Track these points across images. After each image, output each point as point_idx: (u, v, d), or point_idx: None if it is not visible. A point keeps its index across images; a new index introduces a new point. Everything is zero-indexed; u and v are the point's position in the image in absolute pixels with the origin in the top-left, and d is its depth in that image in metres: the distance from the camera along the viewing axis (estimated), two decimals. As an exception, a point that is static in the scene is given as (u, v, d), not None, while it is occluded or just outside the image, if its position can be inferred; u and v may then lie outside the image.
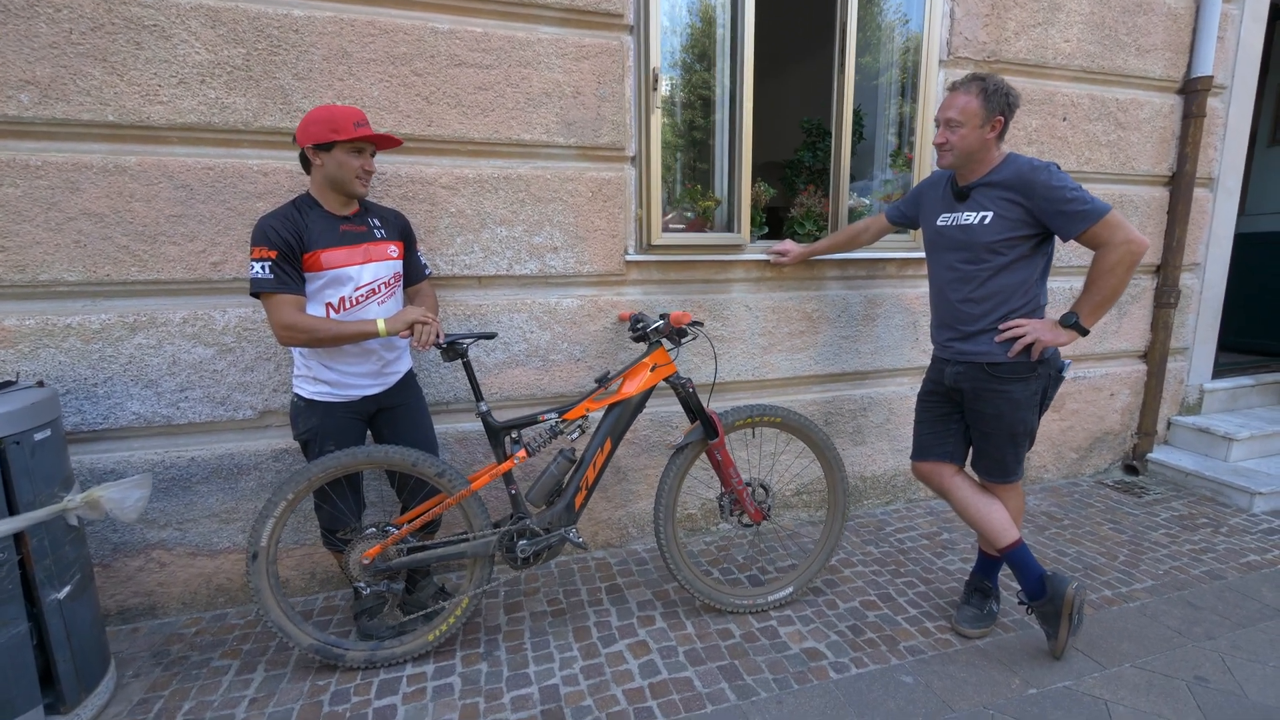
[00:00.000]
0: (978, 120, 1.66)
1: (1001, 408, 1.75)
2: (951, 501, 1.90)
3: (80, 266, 1.83)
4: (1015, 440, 1.78)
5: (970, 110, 1.65)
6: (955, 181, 1.80)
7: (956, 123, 1.67)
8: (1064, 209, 1.60)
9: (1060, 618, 1.74)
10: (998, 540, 1.81)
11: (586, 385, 2.35)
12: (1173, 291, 3.10)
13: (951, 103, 1.69)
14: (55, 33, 1.73)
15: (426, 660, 1.82)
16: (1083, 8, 2.75)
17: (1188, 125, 2.99)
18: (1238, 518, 2.73)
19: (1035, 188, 1.62)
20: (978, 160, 1.72)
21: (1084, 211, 1.59)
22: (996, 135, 1.68)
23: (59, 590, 1.50)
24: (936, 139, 1.74)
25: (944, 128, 1.71)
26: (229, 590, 2.10)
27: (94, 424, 1.90)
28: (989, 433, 1.80)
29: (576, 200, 2.23)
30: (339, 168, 1.64)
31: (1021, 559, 1.79)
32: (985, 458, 1.85)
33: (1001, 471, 1.83)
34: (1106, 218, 1.58)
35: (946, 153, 1.72)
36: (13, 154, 1.75)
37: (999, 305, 1.72)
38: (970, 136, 1.67)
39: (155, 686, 1.73)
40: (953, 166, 1.76)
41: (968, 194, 1.75)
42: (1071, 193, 1.60)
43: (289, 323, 1.59)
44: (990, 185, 1.70)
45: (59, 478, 1.54)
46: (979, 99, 1.65)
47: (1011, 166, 1.68)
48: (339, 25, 1.92)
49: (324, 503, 1.79)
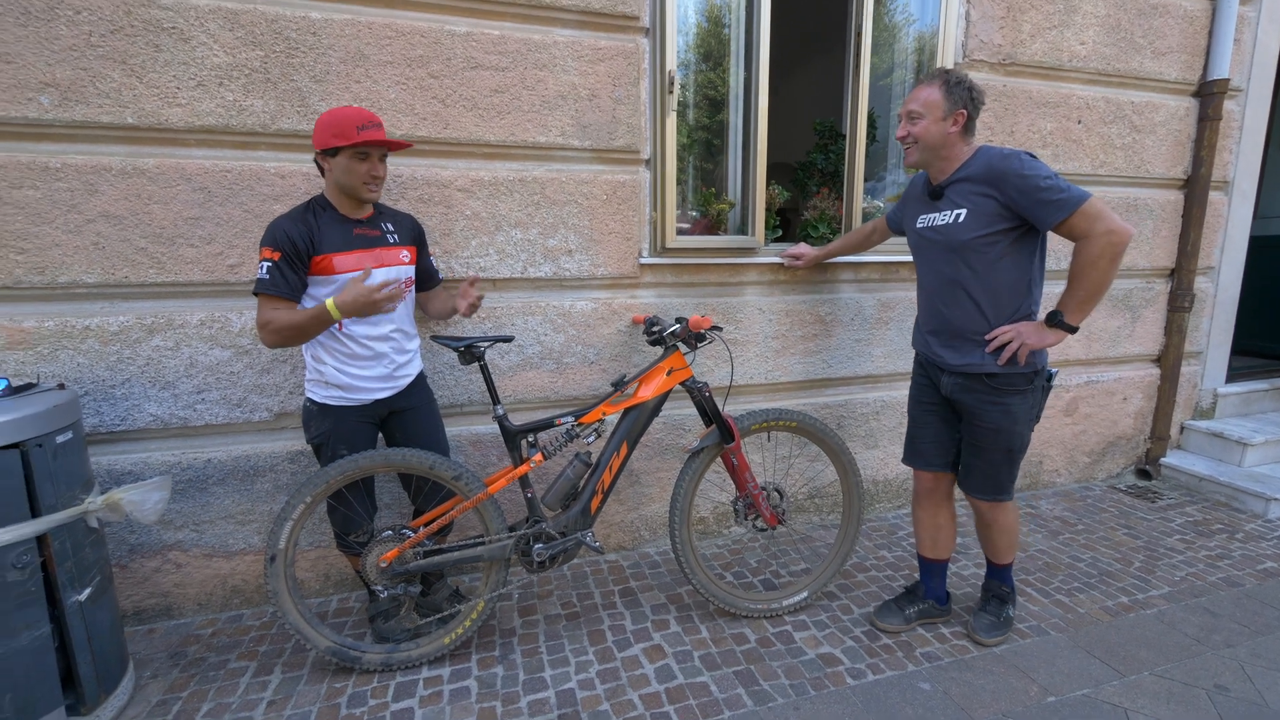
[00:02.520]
0: (939, 112, 1.62)
1: (1001, 422, 1.70)
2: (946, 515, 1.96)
3: (99, 268, 1.84)
4: (1011, 456, 1.75)
5: (931, 102, 1.62)
6: (929, 181, 1.76)
7: (918, 114, 1.64)
8: (1038, 198, 1.53)
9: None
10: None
11: (600, 388, 2.35)
12: (1187, 295, 3.08)
13: (914, 95, 1.67)
14: (75, 35, 1.73)
15: (443, 663, 1.82)
16: (1099, 10, 2.73)
17: (1203, 128, 2.97)
18: (1253, 524, 2.72)
19: (1006, 177, 1.56)
20: (944, 156, 1.67)
21: (1059, 200, 1.51)
22: (960, 129, 1.64)
23: (80, 592, 1.51)
24: (899, 133, 1.70)
25: (905, 120, 1.68)
26: (244, 591, 2.11)
27: (112, 425, 1.91)
28: (985, 447, 1.75)
29: (591, 203, 2.23)
30: (345, 174, 1.63)
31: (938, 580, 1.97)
32: (976, 474, 1.80)
33: (994, 488, 1.80)
34: (1084, 206, 1.50)
35: (911, 147, 1.69)
36: (33, 156, 1.76)
37: (989, 310, 1.67)
38: (932, 129, 1.63)
39: (173, 688, 1.73)
40: (919, 163, 1.73)
41: (941, 192, 1.71)
42: (1045, 180, 1.52)
43: (262, 321, 1.59)
44: (962, 181, 1.65)
45: (80, 480, 1.55)
46: (940, 90, 1.62)
47: (982, 159, 1.63)
48: (356, 28, 1.92)
49: (338, 505, 1.79)
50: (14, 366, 1.81)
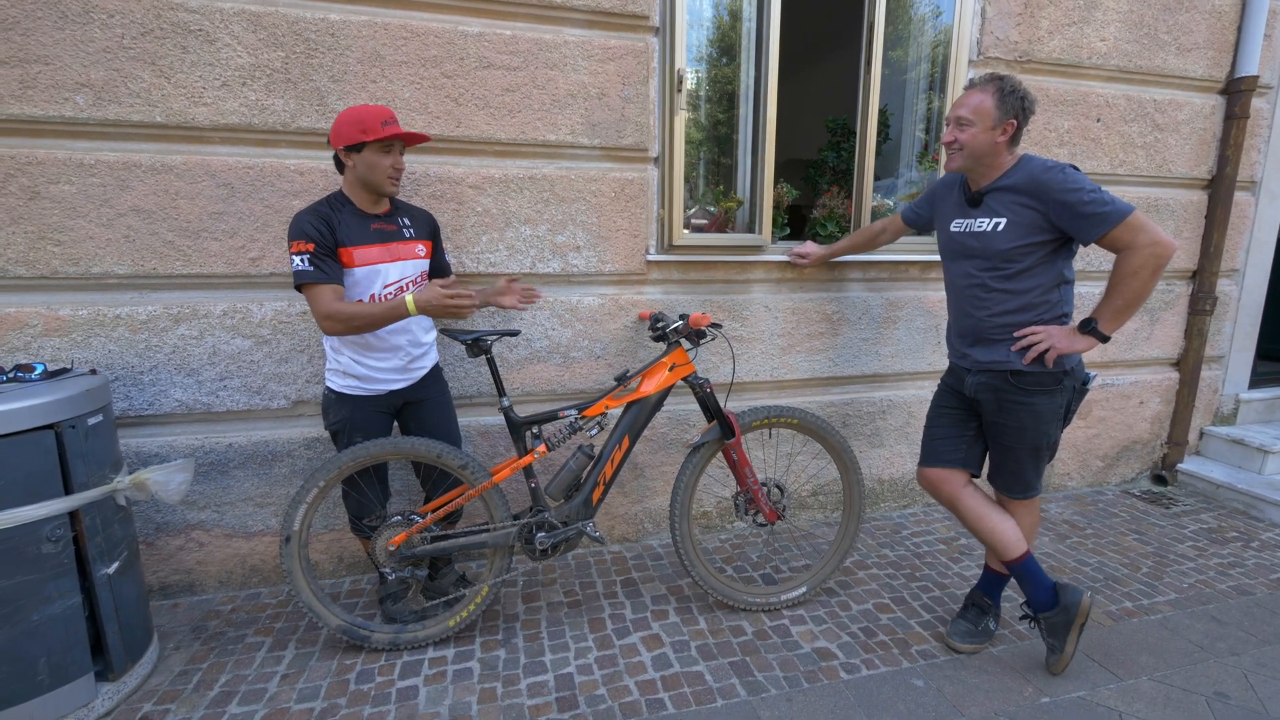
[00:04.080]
0: (989, 121, 1.60)
1: (1025, 420, 1.69)
2: (960, 512, 1.83)
3: (129, 260, 1.93)
4: (1037, 454, 1.74)
5: (983, 110, 1.60)
6: (968, 186, 1.75)
7: (967, 121, 1.62)
8: (1081, 211, 1.52)
9: (1071, 629, 1.71)
10: (1008, 552, 1.76)
11: (605, 382, 2.39)
12: (1208, 298, 3.02)
13: (965, 100, 1.64)
14: (108, 38, 1.82)
15: (447, 645, 1.89)
16: (1121, 6, 2.68)
17: (1230, 127, 2.89)
18: (1270, 532, 2.66)
19: (1050, 190, 1.55)
20: (988, 164, 1.66)
21: (1104, 214, 1.50)
22: (1008, 139, 1.62)
23: (109, 566, 1.60)
24: (945, 137, 1.68)
25: (954, 125, 1.65)
26: (262, 571, 2.20)
27: (140, 410, 2.01)
28: (1010, 446, 1.74)
29: (599, 200, 2.27)
30: (370, 168, 1.70)
31: (1031, 569, 1.77)
32: (1004, 472, 1.80)
33: (1022, 486, 1.78)
34: (1129, 219, 1.49)
35: (955, 153, 1.67)
36: (69, 153, 1.85)
37: (1019, 311, 1.66)
38: (980, 137, 1.61)
39: (194, 659, 1.83)
40: (962, 169, 1.71)
41: (981, 199, 1.69)
42: (1089, 194, 1.51)
43: (329, 312, 1.64)
44: (1003, 190, 1.64)
45: (109, 460, 1.64)
46: (994, 99, 1.60)
47: (1024, 169, 1.62)
48: (373, 29, 1.98)
49: (352, 490, 1.87)
50: (50, 352, 1.91)
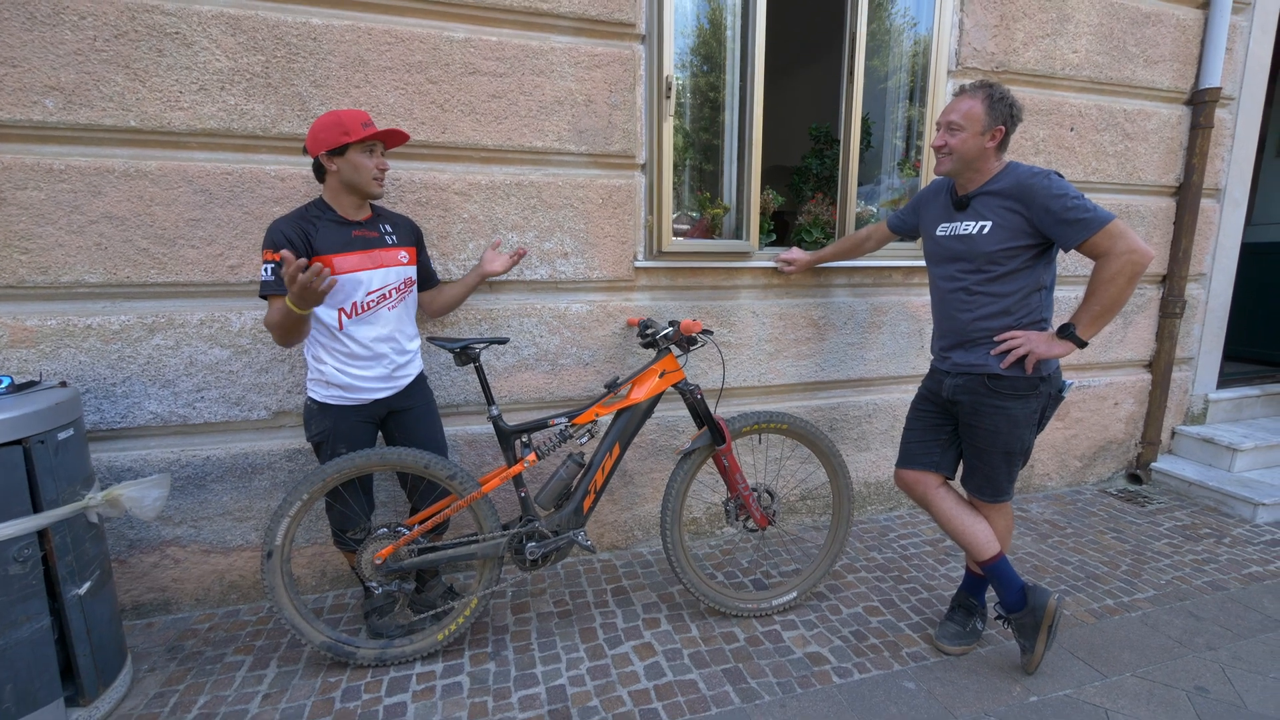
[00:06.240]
0: (979, 126, 1.64)
1: (999, 424, 1.72)
2: (934, 513, 1.87)
3: (101, 268, 1.87)
4: (1010, 459, 1.77)
5: (973, 115, 1.64)
6: (955, 191, 1.79)
7: (957, 126, 1.66)
8: (1064, 217, 1.56)
9: (1039, 630, 1.74)
10: (980, 553, 1.80)
11: (594, 390, 2.38)
12: (1178, 301, 3.11)
13: (955, 106, 1.68)
14: (80, 40, 1.76)
15: (436, 659, 1.85)
16: (1091, 19, 2.76)
17: (1195, 136, 3.00)
18: (1241, 528, 2.74)
19: (1035, 195, 1.59)
20: (976, 169, 1.70)
21: (1085, 220, 1.55)
22: (996, 145, 1.67)
23: (79, 586, 1.54)
24: (935, 141, 1.72)
25: (944, 130, 1.69)
26: (241, 587, 2.14)
27: (112, 423, 1.94)
28: (983, 449, 1.77)
29: (587, 207, 2.26)
30: (354, 170, 1.67)
31: (1002, 571, 1.80)
32: (977, 475, 1.83)
33: (993, 490, 1.81)
34: (1108, 227, 1.54)
35: (945, 156, 1.71)
36: (37, 158, 1.79)
37: (1000, 315, 1.70)
38: (970, 142, 1.65)
39: (170, 681, 1.76)
40: (950, 173, 1.75)
41: (967, 203, 1.74)
42: (1073, 201, 1.56)
43: (265, 323, 1.63)
44: (990, 194, 1.68)
45: (80, 476, 1.58)
46: (983, 105, 1.64)
47: (1011, 175, 1.66)
48: (356, 33, 1.95)
49: (336, 503, 1.82)
50: (17, 364, 1.84)
